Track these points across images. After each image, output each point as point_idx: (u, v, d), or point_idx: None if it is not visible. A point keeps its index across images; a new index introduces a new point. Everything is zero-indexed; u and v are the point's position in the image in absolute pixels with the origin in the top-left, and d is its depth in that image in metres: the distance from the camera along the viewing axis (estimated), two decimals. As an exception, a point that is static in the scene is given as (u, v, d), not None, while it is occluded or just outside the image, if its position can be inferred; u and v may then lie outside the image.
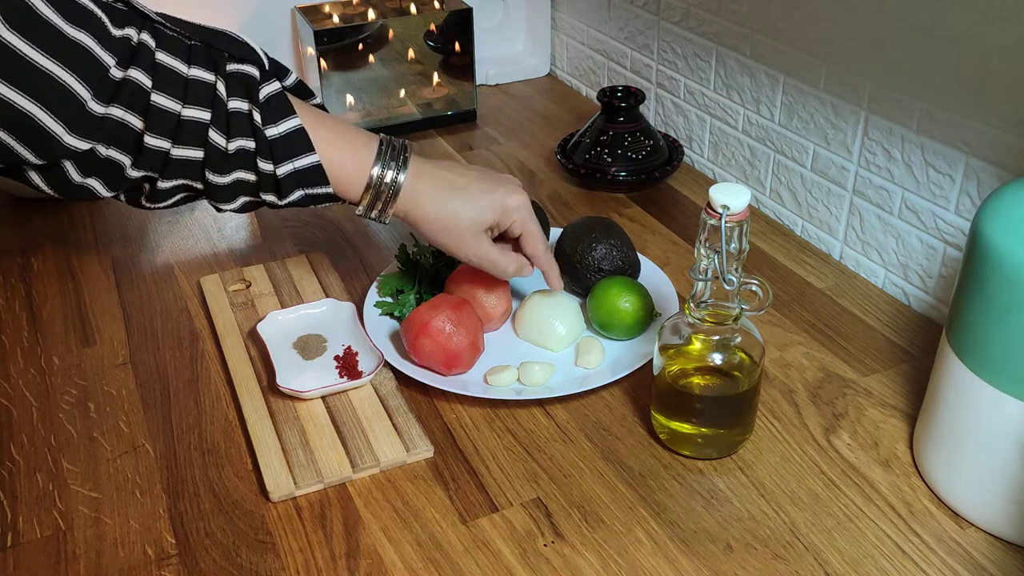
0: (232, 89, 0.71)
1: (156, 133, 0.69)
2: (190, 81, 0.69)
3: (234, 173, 0.73)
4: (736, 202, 0.64)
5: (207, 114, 0.70)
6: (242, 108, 0.71)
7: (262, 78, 0.73)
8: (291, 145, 0.73)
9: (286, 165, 0.73)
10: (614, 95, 1.13)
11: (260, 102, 0.72)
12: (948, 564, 0.65)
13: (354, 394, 0.80)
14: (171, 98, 0.68)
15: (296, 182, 0.74)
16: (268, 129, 0.72)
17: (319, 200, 0.76)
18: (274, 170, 0.73)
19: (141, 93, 0.67)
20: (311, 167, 0.74)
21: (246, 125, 0.71)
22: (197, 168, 0.72)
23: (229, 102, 0.71)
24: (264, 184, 0.74)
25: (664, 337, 0.72)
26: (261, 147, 0.72)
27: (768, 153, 1.06)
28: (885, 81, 0.88)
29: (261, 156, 0.72)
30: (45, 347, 0.88)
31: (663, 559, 0.66)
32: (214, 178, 0.72)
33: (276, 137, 0.72)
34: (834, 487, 0.72)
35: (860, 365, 0.84)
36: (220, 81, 0.70)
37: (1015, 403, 0.61)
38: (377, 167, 0.75)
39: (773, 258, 1.00)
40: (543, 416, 0.79)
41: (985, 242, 0.60)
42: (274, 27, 1.32)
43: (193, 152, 0.70)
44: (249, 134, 0.71)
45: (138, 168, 0.70)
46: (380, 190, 0.76)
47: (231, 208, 0.76)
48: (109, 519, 0.70)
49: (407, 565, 0.66)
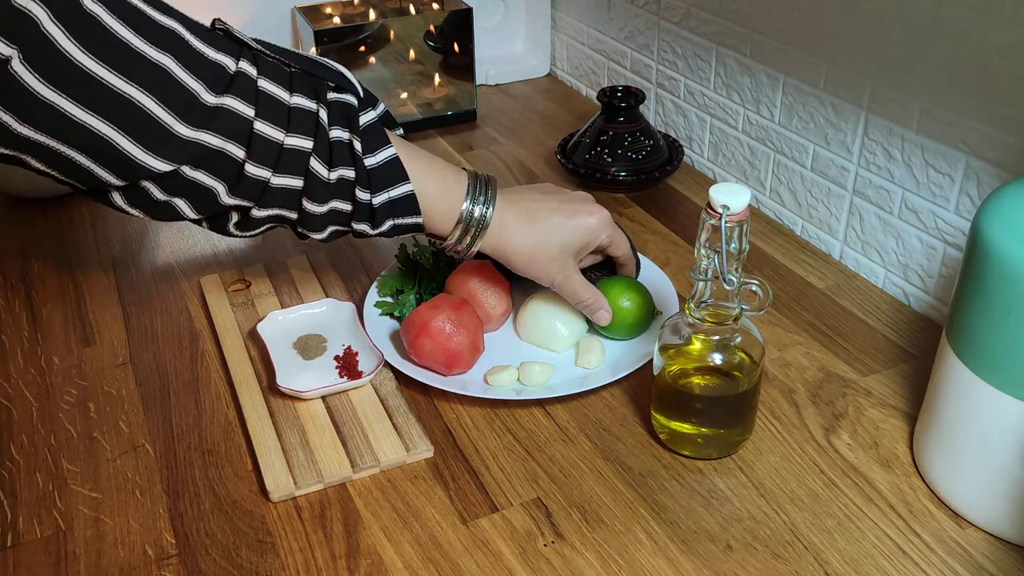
0: (334, 118, 0.70)
1: (257, 162, 0.68)
2: (292, 109, 0.68)
3: (331, 203, 0.72)
4: (736, 202, 0.64)
5: (309, 143, 0.69)
6: (343, 137, 0.71)
7: (360, 107, 0.73)
8: (388, 175, 0.73)
9: (382, 194, 0.73)
10: (614, 95, 1.13)
11: (359, 131, 0.71)
12: (948, 564, 0.65)
13: (354, 394, 0.80)
14: (274, 126, 0.68)
15: (389, 212, 0.74)
16: (367, 159, 0.72)
17: (406, 230, 0.76)
18: (370, 200, 0.72)
19: (241, 121, 0.66)
20: (405, 196, 0.74)
21: (347, 154, 0.71)
22: (295, 197, 0.71)
23: (331, 131, 0.70)
24: (359, 213, 0.73)
25: (664, 337, 0.72)
26: (360, 176, 0.71)
27: (768, 153, 1.06)
28: (885, 81, 0.88)
29: (360, 185, 0.72)
30: (45, 347, 0.88)
31: (663, 559, 0.66)
32: (311, 207, 0.71)
33: (374, 167, 0.72)
34: (834, 487, 0.72)
35: (860, 365, 0.84)
36: (323, 109, 0.70)
37: (1015, 403, 0.61)
38: (467, 202, 0.76)
39: (773, 258, 1.01)
40: (543, 416, 0.79)
41: (985, 242, 0.60)
42: (274, 27, 1.32)
43: (293, 181, 0.70)
44: (350, 163, 0.71)
45: (234, 196, 0.69)
46: (470, 225, 0.76)
47: (319, 238, 0.75)
48: (109, 519, 0.70)
49: (407, 565, 0.66)
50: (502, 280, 0.87)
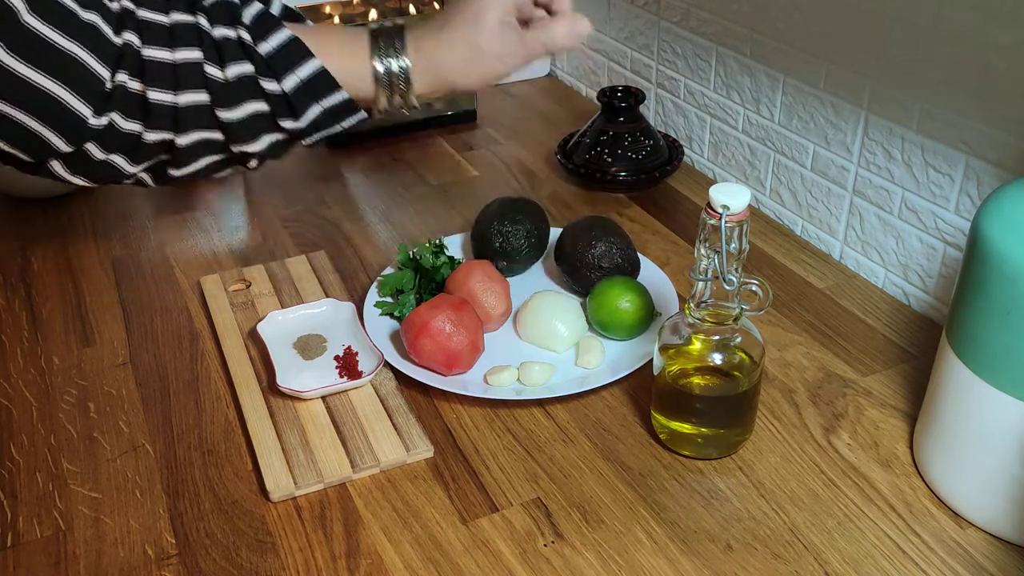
0: (215, 19, 0.70)
1: (157, 87, 0.68)
2: (172, 26, 0.68)
3: (244, 105, 0.70)
4: (736, 202, 0.64)
5: (198, 52, 0.69)
6: (229, 34, 0.70)
7: (242, 2, 0.72)
8: (288, 56, 0.70)
9: (290, 78, 0.70)
10: (614, 95, 1.13)
11: (245, 23, 0.70)
12: (948, 564, 0.65)
13: (354, 394, 0.80)
14: (161, 48, 0.68)
15: (308, 95, 0.71)
16: (260, 46, 0.70)
17: (339, 114, 0.73)
18: (280, 88, 0.70)
19: (135, 54, 0.67)
20: (316, 74, 0.71)
21: (237, 49, 0.69)
22: (207, 112, 0.70)
23: (214, 31, 0.69)
24: (278, 109, 0.71)
25: (664, 337, 0.72)
26: (259, 67, 0.70)
27: (768, 153, 1.06)
28: (885, 81, 0.88)
29: (262, 76, 0.70)
30: (45, 347, 0.88)
31: (663, 559, 0.66)
32: (226, 114, 0.70)
33: (271, 52, 0.70)
34: (834, 487, 0.72)
35: (860, 365, 0.84)
36: (201, 16, 0.69)
37: (1015, 403, 0.61)
38: (377, 61, 0.73)
39: (773, 258, 1.01)
40: (543, 416, 0.79)
41: (985, 242, 0.60)
42: (274, 27, 1.32)
43: (198, 95, 0.69)
44: (243, 57, 0.69)
45: (152, 130, 0.69)
46: (392, 81, 0.73)
47: (258, 150, 0.73)
48: (109, 519, 0.70)
49: (407, 565, 0.66)
50: (502, 280, 0.87)
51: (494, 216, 0.93)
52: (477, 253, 0.94)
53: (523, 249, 0.93)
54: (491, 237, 0.93)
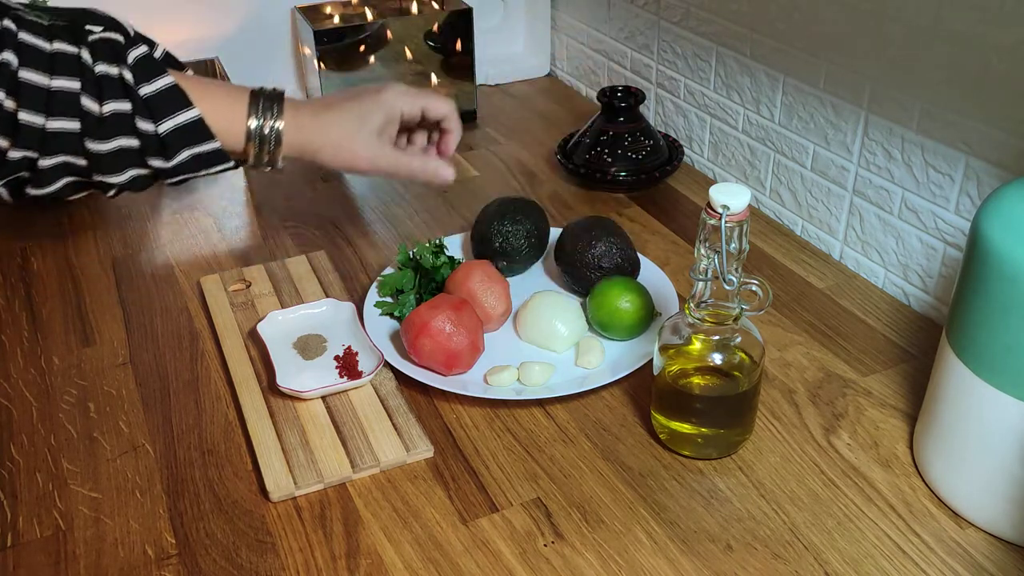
0: (98, 55, 0.71)
1: (29, 109, 0.69)
2: (54, 54, 0.70)
3: (115, 140, 0.72)
4: (736, 202, 0.64)
5: (76, 83, 0.70)
6: (111, 71, 0.71)
7: (128, 43, 0.73)
8: (168, 101, 0.73)
9: (166, 122, 0.73)
10: (614, 95, 1.13)
11: (129, 64, 0.72)
12: (948, 564, 0.65)
13: (354, 394, 0.80)
14: (38, 72, 0.69)
15: (181, 140, 0.74)
16: (142, 88, 0.72)
17: (208, 161, 0.76)
18: (155, 129, 0.73)
19: (9, 73, 0.68)
20: (193, 121, 0.74)
21: (118, 87, 0.72)
22: (75, 140, 0.71)
23: (96, 66, 0.71)
24: (149, 148, 0.73)
25: (664, 337, 0.72)
26: (137, 107, 0.72)
27: (768, 153, 1.06)
28: (885, 81, 0.88)
29: (139, 116, 0.72)
30: (45, 347, 0.88)
31: (663, 559, 0.66)
32: (95, 146, 0.72)
33: (151, 95, 0.72)
34: (834, 487, 0.72)
35: (860, 365, 0.84)
36: (84, 49, 0.71)
37: (1015, 403, 0.61)
38: (253, 118, 0.77)
39: (773, 258, 1.01)
40: (543, 416, 0.79)
41: (985, 242, 0.60)
42: (274, 27, 1.32)
43: (68, 123, 0.70)
44: (122, 95, 0.72)
45: (18, 148, 0.70)
46: (263, 137, 0.77)
47: (120, 181, 0.75)
48: (109, 519, 0.70)
49: (407, 565, 0.66)
50: (502, 280, 0.87)
51: (494, 216, 0.93)
52: (477, 253, 0.94)
53: (523, 249, 0.93)
54: (491, 237, 0.93)
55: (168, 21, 1.26)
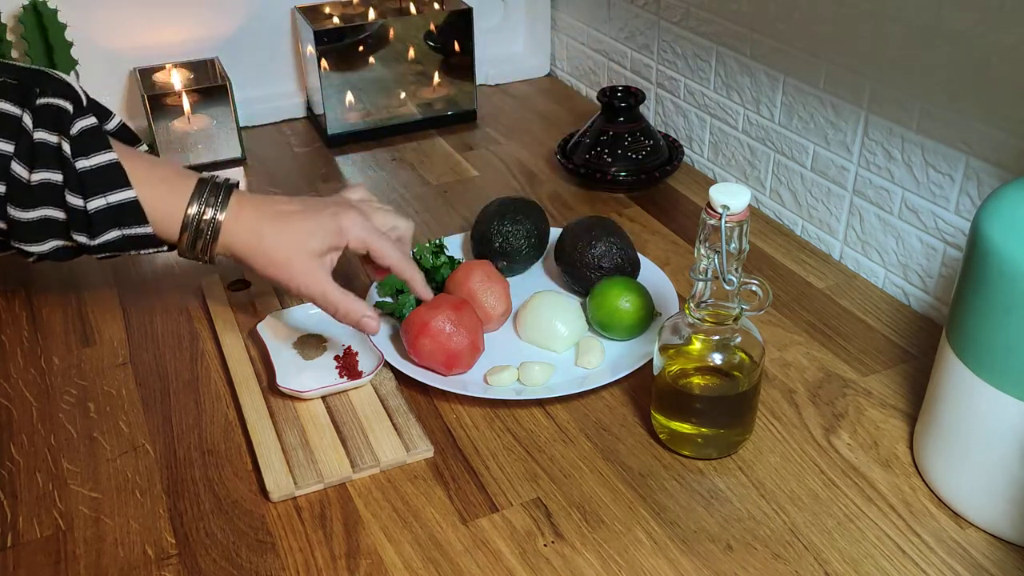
0: (40, 121, 0.69)
1: None
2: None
3: (39, 209, 0.69)
4: (736, 202, 0.64)
5: (10, 146, 0.67)
6: (49, 140, 0.69)
7: (76, 112, 0.70)
8: (104, 179, 0.70)
9: (98, 200, 0.70)
10: (614, 95, 1.13)
11: (71, 135, 0.69)
12: (948, 564, 0.65)
13: (354, 394, 0.80)
14: None
15: (111, 220, 0.71)
16: (79, 161, 0.69)
17: (138, 243, 0.73)
18: (84, 205, 0.70)
19: None
20: (127, 203, 0.71)
21: (52, 157, 0.69)
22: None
23: (35, 133, 0.68)
24: (75, 222, 0.70)
25: (664, 337, 0.72)
26: (70, 180, 0.69)
27: (768, 153, 1.06)
28: (885, 81, 0.88)
29: (70, 190, 0.69)
30: (45, 347, 0.88)
31: (663, 559, 0.66)
32: (17, 213, 0.69)
33: (87, 170, 0.69)
34: (834, 487, 0.72)
35: (860, 365, 0.84)
36: (27, 114, 0.68)
37: (1015, 403, 0.61)
38: (194, 206, 0.73)
39: (773, 258, 1.01)
40: (543, 416, 0.79)
41: (985, 242, 0.60)
42: (274, 27, 1.32)
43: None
44: (56, 166, 0.69)
45: None
46: (199, 229, 0.73)
47: (40, 251, 0.72)
48: (109, 519, 0.70)
49: (407, 565, 0.66)
50: (502, 280, 0.87)
51: (494, 216, 0.93)
52: (477, 253, 0.94)
53: (523, 249, 0.93)
54: (491, 237, 0.93)
55: (168, 21, 1.26)
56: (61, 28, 1.16)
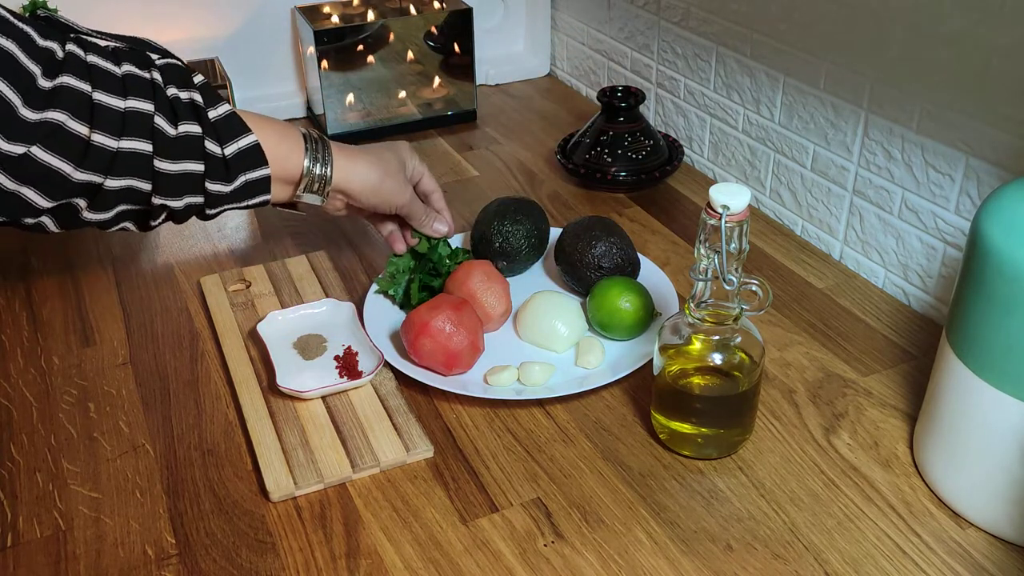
0: (168, 79, 0.72)
1: (102, 131, 0.68)
2: (125, 77, 0.70)
3: (183, 162, 0.72)
4: (736, 202, 0.64)
5: (150, 104, 0.70)
6: (182, 95, 0.72)
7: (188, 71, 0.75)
8: (232, 126, 0.74)
9: (231, 145, 0.74)
10: (614, 95, 1.13)
11: (197, 87, 0.74)
12: (948, 564, 0.65)
13: (354, 394, 0.80)
14: (112, 95, 0.69)
15: (243, 165, 0.75)
16: (210, 111, 0.73)
17: (254, 190, 0.77)
18: (222, 152, 0.74)
19: (81, 96, 0.67)
20: (251, 147, 0.75)
21: (190, 110, 0.72)
22: (145, 161, 0.71)
23: (168, 89, 0.72)
24: (213, 171, 0.74)
25: (664, 337, 0.72)
26: (207, 129, 0.73)
27: (768, 153, 1.06)
28: (885, 81, 0.88)
29: (209, 138, 0.73)
30: (45, 347, 0.88)
31: (663, 559, 0.66)
32: (163, 166, 0.71)
33: (217, 119, 0.74)
34: (834, 487, 0.72)
35: (860, 365, 0.84)
36: (155, 71, 0.72)
37: (1015, 403, 0.61)
38: (307, 159, 0.79)
39: (773, 258, 1.01)
40: (543, 416, 0.79)
41: (985, 242, 0.60)
42: (274, 27, 1.32)
43: (140, 144, 0.70)
44: (193, 118, 0.72)
45: (84, 170, 0.69)
46: (313, 180, 0.80)
47: (176, 206, 0.74)
48: (109, 519, 0.70)
49: (407, 565, 0.66)
50: (502, 280, 0.87)
51: (494, 216, 0.93)
52: (477, 253, 0.94)
53: (523, 249, 0.93)
54: (491, 237, 0.93)
55: (168, 21, 1.26)
56: (61, 28, 1.16)
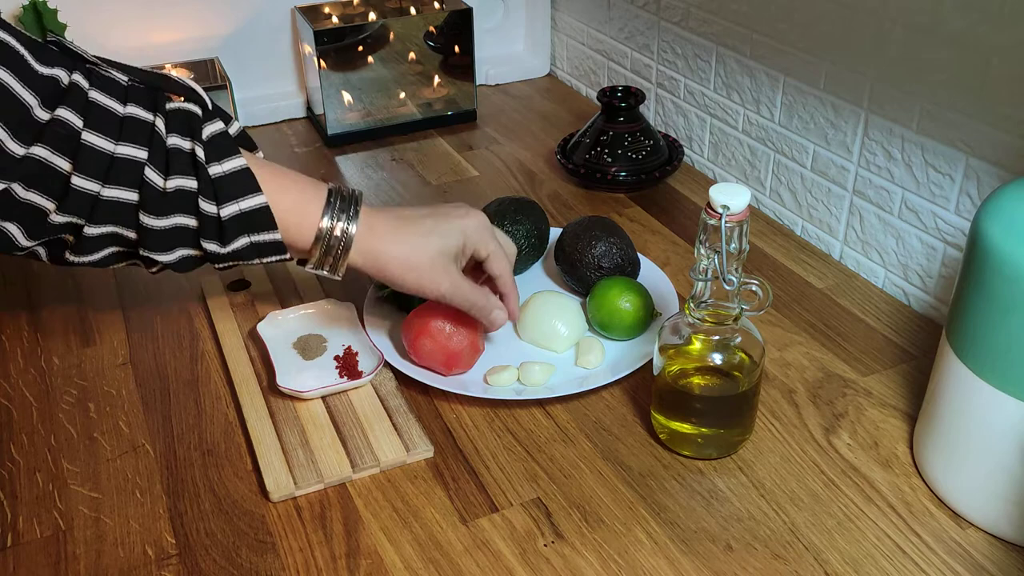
0: (172, 126, 0.67)
1: (85, 174, 0.64)
2: (125, 119, 0.66)
3: (173, 217, 0.68)
4: (736, 202, 0.64)
5: (143, 152, 0.66)
6: (183, 146, 0.67)
7: (204, 117, 0.70)
8: (236, 185, 0.69)
9: (231, 206, 0.69)
10: (614, 95, 1.13)
11: (203, 139, 0.68)
12: (948, 564, 0.65)
13: (354, 394, 0.80)
14: (104, 136, 0.65)
15: (241, 227, 0.70)
16: (212, 167, 0.68)
17: (265, 251, 0.72)
18: (217, 212, 0.68)
19: (71, 133, 0.63)
20: (258, 209, 0.69)
21: (187, 163, 0.67)
22: (130, 212, 0.67)
23: (168, 139, 0.67)
24: (206, 229, 0.69)
25: (664, 337, 0.72)
26: (204, 186, 0.68)
27: (768, 153, 1.06)
28: (885, 81, 0.88)
29: (204, 196, 0.68)
30: (45, 347, 0.88)
31: (663, 559, 0.66)
32: (150, 221, 0.67)
33: (220, 176, 0.68)
34: (834, 487, 0.72)
35: (860, 365, 0.84)
36: (159, 118, 0.67)
37: (1015, 403, 0.61)
38: (327, 218, 0.72)
39: (773, 258, 1.01)
40: (543, 416, 0.79)
41: (985, 242, 0.60)
42: (274, 27, 1.32)
43: (126, 193, 0.66)
44: (190, 172, 0.67)
45: (63, 213, 0.65)
46: (331, 242, 0.72)
47: (167, 260, 0.70)
48: (109, 519, 0.70)
49: (407, 565, 0.66)
50: (502, 280, 0.87)
51: (494, 216, 0.93)
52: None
53: (523, 249, 0.93)
54: (491, 237, 0.92)
55: (168, 21, 1.26)
56: (61, 28, 1.16)
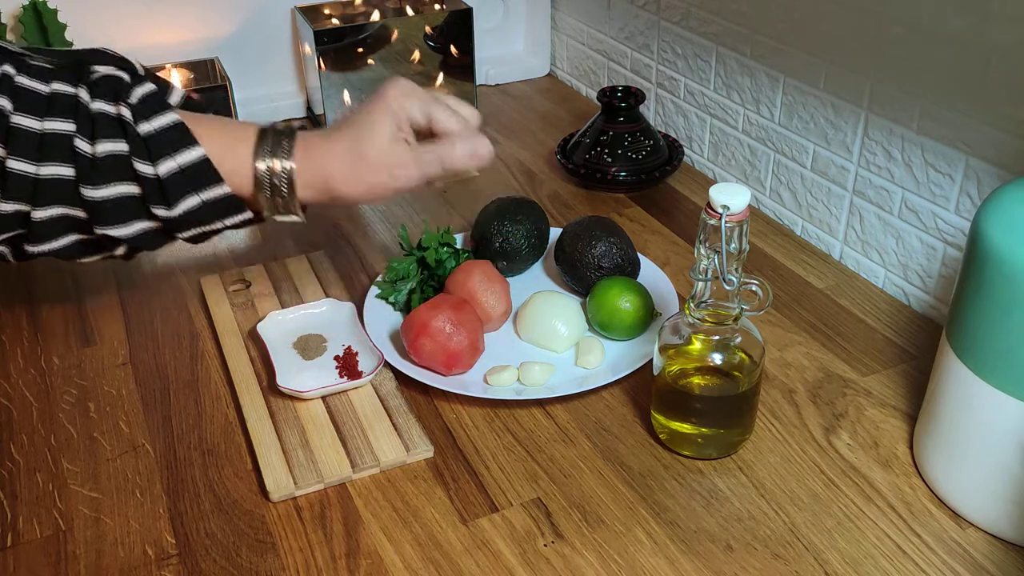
0: (96, 93, 0.66)
1: (19, 156, 0.64)
2: (51, 96, 0.65)
3: (113, 185, 0.66)
4: (736, 202, 0.64)
5: (71, 124, 0.65)
6: (108, 110, 0.66)
7: (133, 81, 0.68)
8: (169, 140, 0.66)
9: (166, 162, 0.66)
10: (614, 95, 1.13)
11: (130, 102, 0.66)
12: (948, 564, 0.65)
13: (354, 394, 0.80)
14: (31, 116, 0.64)
15: (185, 183, 0.67)
16: (140, 126, 0.66)
17: (221, 209, 0.69)
18: (155, 172, 0.66)
19: (1, 119, 0.63)
20: (198, 162, 0.66)
21: (114, 125, 0.66)
22: (70, 187, 0.65)
23: (92, 104, 0.65)
24: (149, 193, 0.67)
25: (664, 337, 0.72)
26: (135, 147, 0.66)
27: (768, 153, 1.06)
28: (885, 81, 0.88)
29: (137, 157, 0.66)
30: (45, 347, 0.88)
31: (663, 559, 0.66)
32: (91, 193, 0.65)
33: (150, 134, 0.66)
34: (834, 487, 0.72)
35: (860, 365, 0.84)
36: (83, 89, 0.66)
37: (1015, 403, 0.61)
38: (260, 158, 0.69)
39: (773, 258, 1.01)
40: (543, 416, 0.79)
41: (985, 242, 0.60)
42: (274, 27, 1.32)
43: (62, 169, 0.65)
44: (119, 135, 0.66)
45: (6, 200, 0.65)
46: (274, 180, 0.69)
47: (125, 234, 0.68)
48: (109, 519, 0.70)
49: (407, 565, 0.66)
50: (502, 280, 0.87)
51: (494, 216, 0.93)
52: (477, 253, 0.94)
53: (523, 249, 0.93)
54: (491, 237, 0.93)
55: (168, 21, 1.26)
56: (61, 28, 1.16)
